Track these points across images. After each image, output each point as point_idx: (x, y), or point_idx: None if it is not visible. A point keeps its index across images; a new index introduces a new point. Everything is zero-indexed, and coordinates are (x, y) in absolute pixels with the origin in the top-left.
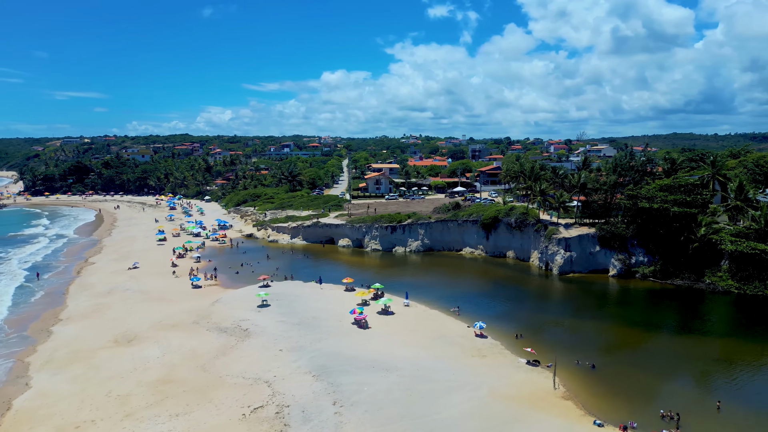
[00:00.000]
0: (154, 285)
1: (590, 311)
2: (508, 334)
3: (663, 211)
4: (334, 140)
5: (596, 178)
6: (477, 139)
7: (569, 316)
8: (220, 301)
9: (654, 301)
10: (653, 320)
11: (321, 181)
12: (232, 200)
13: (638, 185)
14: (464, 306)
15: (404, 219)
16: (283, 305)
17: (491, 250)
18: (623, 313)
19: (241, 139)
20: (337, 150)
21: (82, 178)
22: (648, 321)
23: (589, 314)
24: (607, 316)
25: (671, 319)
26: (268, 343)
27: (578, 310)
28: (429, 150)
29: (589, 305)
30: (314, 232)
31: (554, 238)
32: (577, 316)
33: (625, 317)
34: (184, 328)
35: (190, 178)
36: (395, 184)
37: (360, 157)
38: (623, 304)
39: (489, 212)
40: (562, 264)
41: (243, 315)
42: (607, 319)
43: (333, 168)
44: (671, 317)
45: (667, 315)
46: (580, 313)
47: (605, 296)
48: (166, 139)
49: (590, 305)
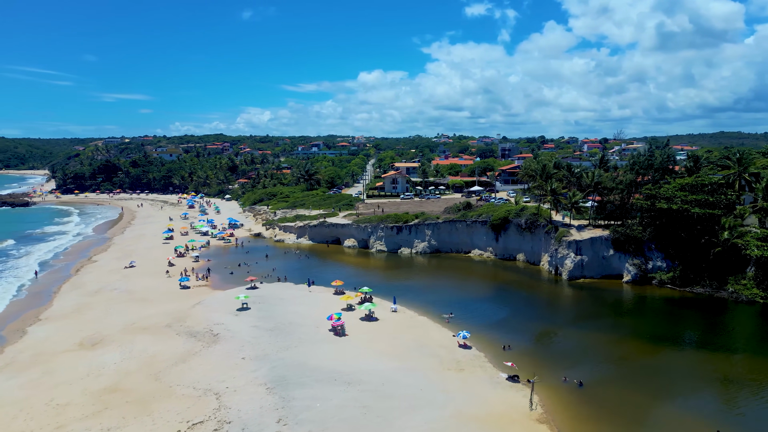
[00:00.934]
0: (143, 285)
1: (596, 321)
2: (496, 344)
3: (683, 213)
4: (367, 140)
5: (613, 176)
6: (511, 138)
7: (571, 326)
8: (202, 303)
9: (670, 310)
10: (665, 332)
11: (340, 180)
12: (249, 199)
13: (656, 184)
14: (460, 312)
15: (411, 219)
16: (263, 309)
17: (501, 252)
18: (633, 323)
19: (272, 139)
20: (365, 149)
21: (110, 177)
22: (659, 333)
23: (595, 324)
24: (614, 327)
25: (686, 331)
26: (233, 350)
27: (583, 318)
28: (458, 149)
29: (597, 314)
30: (320, 231)
31: (564, 240)
32: (580, 326)
33: (635, 328)
34: (154, 332)
35: (212, 176)
36: (412, 183)
37: (386, 156)
38: (634, 314)
39: (499, 213)
40: (572, 268)
41: (219, 318)
42: (613, 329)
43: (354, 167)
44: (686, 329)
45: (682, 326)
46: (584, 322)
47: (616, 304)
48: (200, 138)
49: (598, 314)
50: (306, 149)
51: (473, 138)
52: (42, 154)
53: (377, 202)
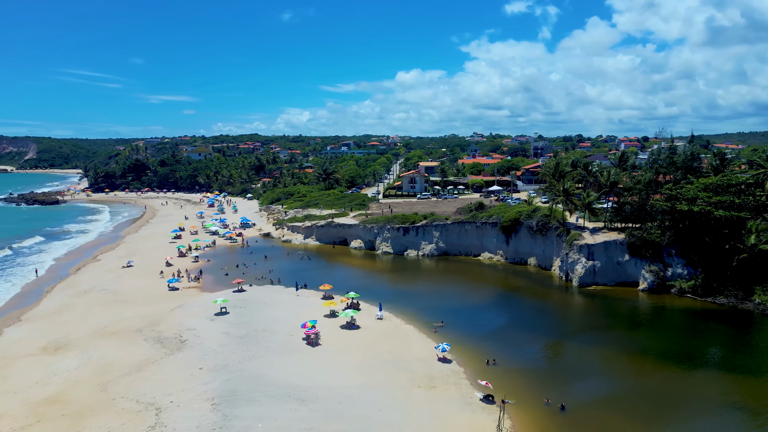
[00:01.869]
0: (133, 286)
1: (602, 333)
2: (482, 358)
3: (705, 215)
4: (402, 139)
5: (631, 176)
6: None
7: (572, 339)
8: (183, 306)
9: (687, 322)
10: (679, 348)
11: (361, 179)
12: (267, 198)
13: (678, 184)
14: (453, 320)
15: (418, 220)
16: (242, 314)
17: (511, 256)
18: (643, 336)
19: (305, 139)
20: (395, 149)
21: (139, 176)
22: (671, 349)
23: (600, 337)
24: (621, 341)
25: (703, 348)
26: (194, 358)
27: (588, 330)
28: (490, 148)
29: (604, 325)
30: (327, 232)
31: (575, 244)
32: (583, 339)
33: (644, 343)
34: (123, 336)
35: (236, 176)
36: (431, 182)
37: (413, 156)
38: (647, 326)
39: (509, 214)
40: (583, 274)
41: (193, 323)
42: (619, 344)
43: (378, 166)
44: (703, 345)
45: (699, 341)
46: (588, 334)
47: (628, 315)
48: (234, 138)
49: (605, 325)
50: (335, 148)
51: (508, 137)
52: (86, 154)
53: (391, 202)
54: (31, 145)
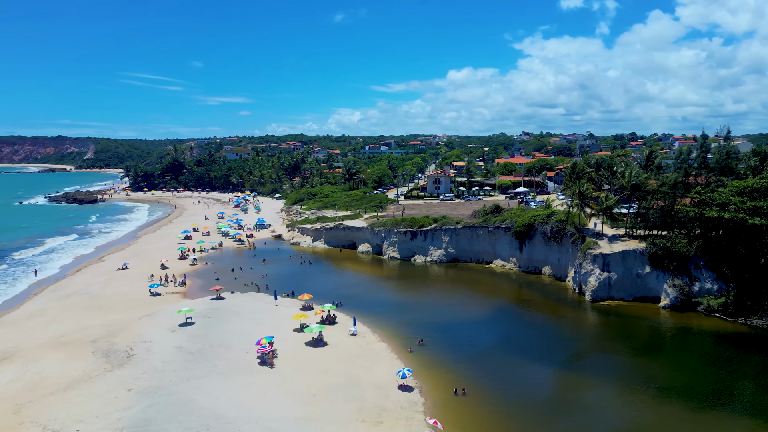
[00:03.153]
0: (117, 290)
1: (609, 360)
2: (451, 386)
3: (738, 223)
4: (450, 138)
5: (658, 177)
6: (600, 136)
7: (568, 365)
8: (152, 315)
9: (716, 349)
10: (696, 381)
11: (389, 179)
12: (291, 198)
13: (707, 187)
14: (439, 337)
15: (427, 223)
16: (206, 325)
17: (525, 264)
18: (655, 365)
19: (347, 139)
20: (435, 148)
21: (177, 175)
22: (684, 382)
23: (605, 365)
24: (630, 371)
25: (727, 382)
26: (130, 377)
27: (590, 355)
28: (535, 147)
29: (613, 350)
30: (336, 235)
31: (589, 253)
32: (580, 367)
33: (652, 373)
34: (73, 348)
35: (267, 176)
36: (456, 183)
37: (452, 155)
38: (663, 351)
39: (523, 218)
40: (596, 287)
41: (151, 335)
42: (627, 375)
43: (410, 166)
44: (728, 378)
45: (725, 373)
46: (589, 360)
47: (644, 337)
48: (278, 138)
49: (613, 349)
50: (375, 148)
51: (557, 135)
52: (140, 154)
53: (410, 204)
54: (90, 146)
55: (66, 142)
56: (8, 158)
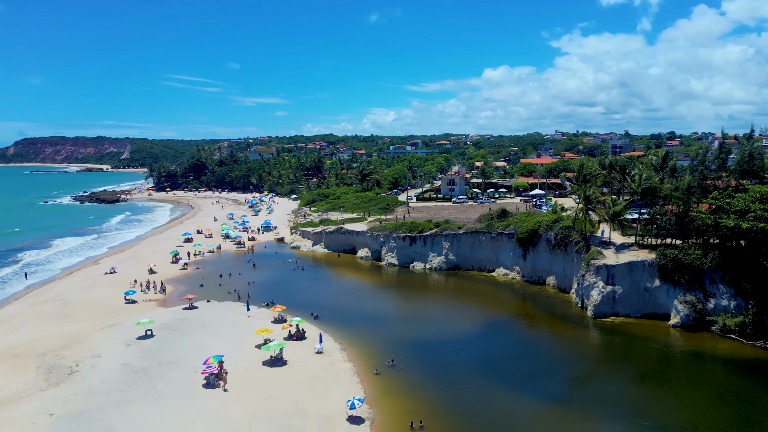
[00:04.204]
0: (94, 296)
1: (599, 389)
2: (405, 419)
3: (759, 233)
4: (482, 137)
5: (671, 181)
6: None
7: (556, 398)
8: (115, 326)
9: (729, 377)
10: (711, 420)
11: (405, 180)
12: (304, 199)
13: (724, 192)
14: (415, 357)
15: (427, 228)
16: (165, 339)
17: (529, 273)
18: (656, 396)
19: (374, 138)
20: (463, 148)
21: (199, 176)
22: (697, 422)
23: (598, 397)
24: (628, 407)
25: (747, 421)
26: (59, 399)
27: (584, 385)
28: (566, 146)
29: (608, 375)
30: (336, 239)
31: (593, 264)
32: (571, 399)
33: (651, 409)
34: (18, 362)
35: (285, 176)
36: (472, 184)
37: (477, 155)
38: (670, 381)
39: (527, 224)
40: (599, 302)
41: (104, 349)
42: (624, 413)
43: (431, 166)
44: (749, 415)
45: (743, 410)
46: (582, 391)
47: (648, 362)
48: (306, 138)
49: (609, 375)
50: (401, 148)
51: (591, 135)
52: (173, 154)
53: (419, 206)
54: (127, 146)
55: (105, 142)
56: (51, 158)
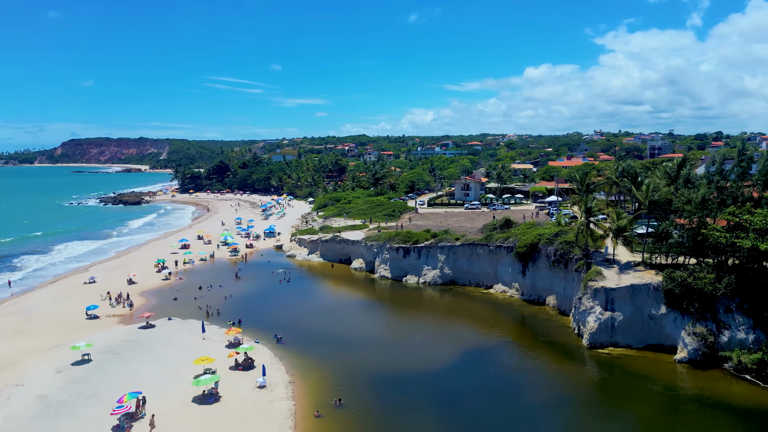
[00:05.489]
0: (61, 310)
1: None
2: None
3: None
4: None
5: (682, 192)
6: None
7: None
8: (58, 347)
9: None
10: None
11: (423, 184)
12: (317, 203)
13: (743, 208)
14: (372, 393)
15: (422, 239)
16: (99, 366)
17: (528, 291)
18: None
19: (405, 139)
20: (493, 149)
21: (222, 178)
22: None
23: None
24: None
25: None
26: None
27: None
28: (602, 147)
29: (595, 425)
30: (332, 248)
31: (590, 286)
32: None
33: None
34: None
35: (303, 179)
36: (487, 189)
37: (506, 157)
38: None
39: (527, 237)
40: (595, 330)
41: (31, 375)
42: None
43: (453, 169)
44: None
45: None
46: None
47: (645, 409)
48: (337, 140)
49: (594, 428)
50: (429, 149)
51: (632, 135)
52: (209, 155)
53: (429, 212)
54: (165, 146)
55: (146, 143)
56: (95, 158)
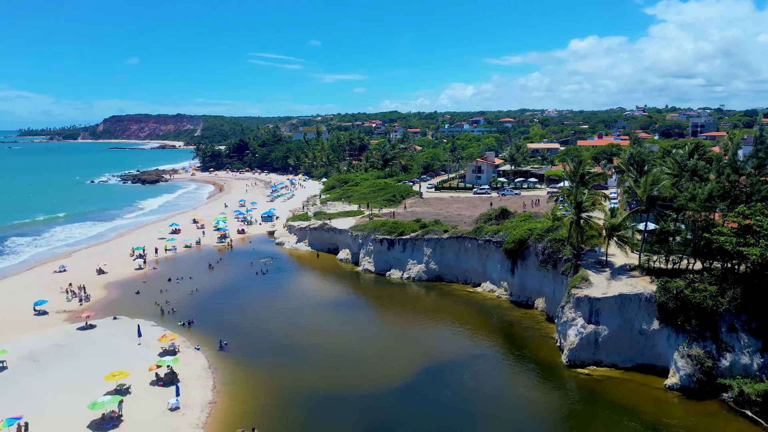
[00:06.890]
0: (10, 304)
1: None
2: None
3: None
4: (560, 113)
5: (687, 186)
6: (732, 111)
7: None
8: None
9: None
10: None
11: (439, 165)
12: (327, 185)
13: (754, 207)
14: (299, 423)
15: (408, 230)
16: (9, 377)
17: (517, 292)
18: None
19: (436, 116)
20: (525, 126)
21: (242, 156)
22: None
23: None
24: None
25: None
26: None
27: None
28: (642, 125)
29: None
30: (320, 236)
31: (573, 295)
32: None
33: None
34: None
35: (319, 158)
36: (499, 173)
37: (535, 135)
38: None
39: (518, 232)
40: (575, 345)
41: None
42: None
43: (473, 149)
44: None
45: None
46: None
47: None
48: (366, 116)
49: None
50: (458, 126)
51: (677, 110)
52: (242, 131)
53: (433, 197)
54: (200, 123)
55: (183, 119)
56: (135, 135)
